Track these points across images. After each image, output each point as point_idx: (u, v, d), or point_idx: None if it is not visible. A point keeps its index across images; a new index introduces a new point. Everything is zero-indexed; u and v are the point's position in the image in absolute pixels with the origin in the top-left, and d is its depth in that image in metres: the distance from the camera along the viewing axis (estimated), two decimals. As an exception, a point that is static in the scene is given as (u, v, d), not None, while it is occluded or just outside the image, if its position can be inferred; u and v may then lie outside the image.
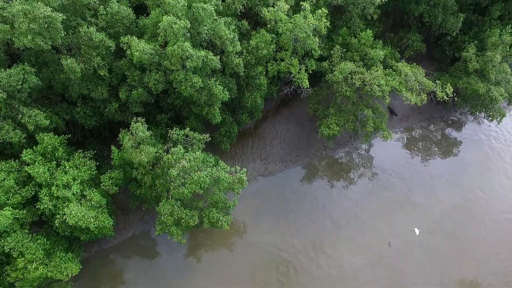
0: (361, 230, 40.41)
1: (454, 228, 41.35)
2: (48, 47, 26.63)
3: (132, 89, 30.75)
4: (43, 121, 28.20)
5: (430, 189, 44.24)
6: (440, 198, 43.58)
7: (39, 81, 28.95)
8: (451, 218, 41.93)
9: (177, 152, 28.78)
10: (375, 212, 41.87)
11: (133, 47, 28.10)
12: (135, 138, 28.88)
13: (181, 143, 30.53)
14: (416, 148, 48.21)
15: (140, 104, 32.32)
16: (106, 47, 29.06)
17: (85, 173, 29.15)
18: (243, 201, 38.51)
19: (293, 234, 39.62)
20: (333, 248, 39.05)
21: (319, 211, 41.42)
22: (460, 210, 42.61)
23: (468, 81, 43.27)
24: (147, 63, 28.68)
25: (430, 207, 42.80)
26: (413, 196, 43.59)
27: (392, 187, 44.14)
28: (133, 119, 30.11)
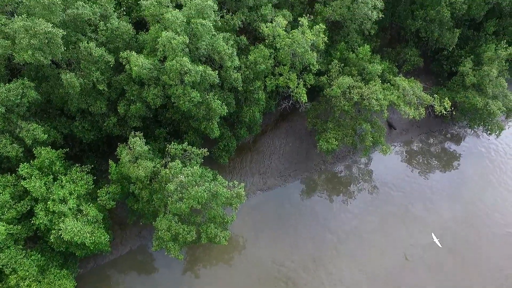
0: (360, 245, 39.89)
1: (456, 242, 40.83)
2: (48, 62, 26.88)
3: (130, 104, 30.87)
4: (41, 135, 28.17)
5: (430, 203, 43.91)
6: (440, 212, 43.20)
7: (38, 95, 29.07)
8: (452, 233, 41.47)
9: (175, 167, 28.64)
10: (375, 226, 41.45)
11: (132, 62, 28.35)
12: (133, 153, 28.80)
13: (179, 158, 30.42)
14: (416, 161, 48.09)
15: (138, 119, 32.36)
16: (105, 62, 29.31)
17: (82, 187, 28.93)
18: (241, 215, 38.19)
19: (292, 248, 39.10)
20: (333, 263, 38.50)
21: (318, 225, 41.00)
22: (461, 224, 42.18)
23: (465, 95, 43.54)
24: (146, 77, 28.88)
25: (430, 221, 42.38)
26: (413, 210, 43.23)
27: (392, 201, 43.82)
28: (131, 134, 30.10)
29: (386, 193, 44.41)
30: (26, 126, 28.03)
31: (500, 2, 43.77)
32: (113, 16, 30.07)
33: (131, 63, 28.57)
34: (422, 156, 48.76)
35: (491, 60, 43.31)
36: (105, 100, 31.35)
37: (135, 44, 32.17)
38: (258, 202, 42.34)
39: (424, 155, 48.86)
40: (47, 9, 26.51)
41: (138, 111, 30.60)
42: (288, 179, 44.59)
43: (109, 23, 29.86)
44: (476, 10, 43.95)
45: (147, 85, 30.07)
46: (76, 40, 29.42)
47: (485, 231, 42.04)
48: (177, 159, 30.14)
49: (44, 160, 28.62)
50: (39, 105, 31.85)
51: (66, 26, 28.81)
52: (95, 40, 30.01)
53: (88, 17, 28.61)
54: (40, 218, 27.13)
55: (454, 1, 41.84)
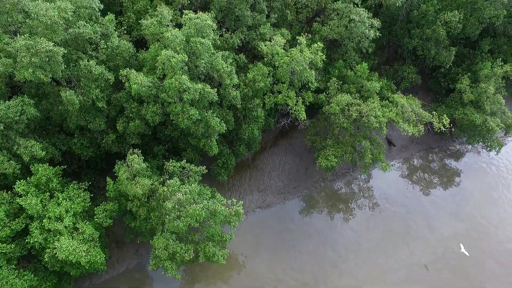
0: (361, 263, 39.20)
1: (459, 261, 40.08)
2: (48, 80, 27.06)
3: (129, 121, 30.93)
4: (39, 152, 28.05)
5: (432, 221, 43.39)
6: (442, 230, 42.63)
7: (38, 112, 29.13)
8: (454, 251, 40.76)
9: (173, 185, 28.42)
10: (376, 244, 40.80)
11: (132, 80, 28.57)
12: (131, 170, 28.65)
13: (177, 175, 30.22)
14: (416, 178, 47.82)
15: (137, 136, 32.36)
16: (105, 80, 29.53)
17: (79, 205, 28.59)
18: (240, 233, 37.64)
19: (292, 266, 38.42)
20: (334, 281, 37.71)
21: (319, 243, 40.39)
22: (464, 242, 41.47)
23: (464, 112, 43.73)
24: (145, 95, 29.05)
25: (432, 239, 41.77)
26: (414, 228, 42.68)
27: (393, 218, 43.32)
28: (130, 151, 30.03)
29: (386, 210, 43.96)
30: (24, 143, 27.94)
31: (493, 22, 44.66)
32: (113, 35, 30.51)
33: (130, 81, 28.77)
34: (423, 172, 48.52)
35: (487, 78, 43.78)
36: (104, 117, 31.44)
37: (135, 62, 32.52)
38: (257, 219, 41.84)
39: (424, 172, 48.62)
40: (49, 29, 26.89)
41: (137, 128, 30.63)
42: (288, 197, 44.22)
43: (109, 41, 30.26)
44: (470, 29, 44.78)
45: (146, 103, 30.22)
46: (77, 58, 29.76)
47: (490, 248, 41.39)
48: (176, 176, 29.95)
49: (41, 177, 28.41)
50: (38, 122, 31.88)
51: (67, 44, 29.19)
52: (95, 58, 30.34)
53: (89, 35, 29.03)
54: (35, 236, 26.66)
55: (449, 20, 42.68)
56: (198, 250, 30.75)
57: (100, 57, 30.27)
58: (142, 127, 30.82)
